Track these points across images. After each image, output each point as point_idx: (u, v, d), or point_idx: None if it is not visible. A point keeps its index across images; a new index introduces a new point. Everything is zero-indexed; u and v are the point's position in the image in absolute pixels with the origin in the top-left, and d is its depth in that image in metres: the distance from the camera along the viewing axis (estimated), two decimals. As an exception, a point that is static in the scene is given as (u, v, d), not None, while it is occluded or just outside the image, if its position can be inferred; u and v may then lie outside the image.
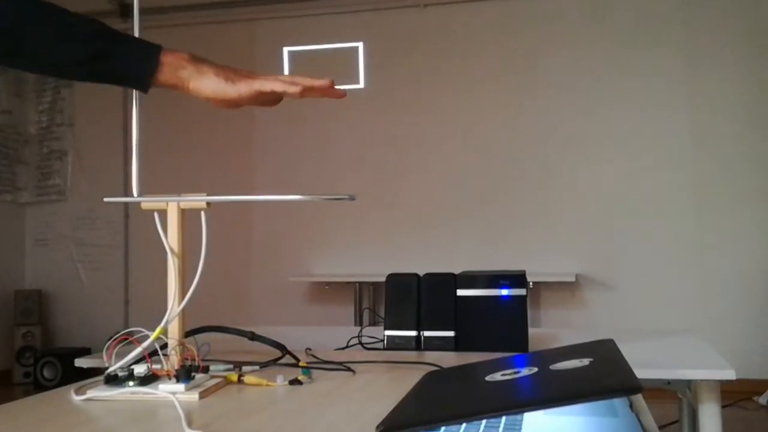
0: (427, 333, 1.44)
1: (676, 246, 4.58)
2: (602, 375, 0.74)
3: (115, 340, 1.01)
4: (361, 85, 5.02)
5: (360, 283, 4.83)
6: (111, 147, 5.41)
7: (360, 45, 5.02)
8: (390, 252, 4.97)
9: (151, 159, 4.91)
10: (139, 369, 0.99)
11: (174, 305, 1.04)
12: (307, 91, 1.04)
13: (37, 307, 5.39)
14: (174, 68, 0.99)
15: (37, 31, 0.94)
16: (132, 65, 0.98)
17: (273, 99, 1.04)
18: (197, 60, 1.01)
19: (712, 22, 4.58)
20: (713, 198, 4.55)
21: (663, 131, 4.63)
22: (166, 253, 1.05)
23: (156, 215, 1.07)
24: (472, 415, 0.71)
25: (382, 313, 1.53)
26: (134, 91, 1.11)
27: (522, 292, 1.41)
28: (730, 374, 1.24)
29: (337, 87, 1.06)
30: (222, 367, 1.08)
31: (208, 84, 1.00)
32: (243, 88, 1.00)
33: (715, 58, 4.57)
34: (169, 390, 0.93)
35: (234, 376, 1.04)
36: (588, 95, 4.73)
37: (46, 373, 5.05)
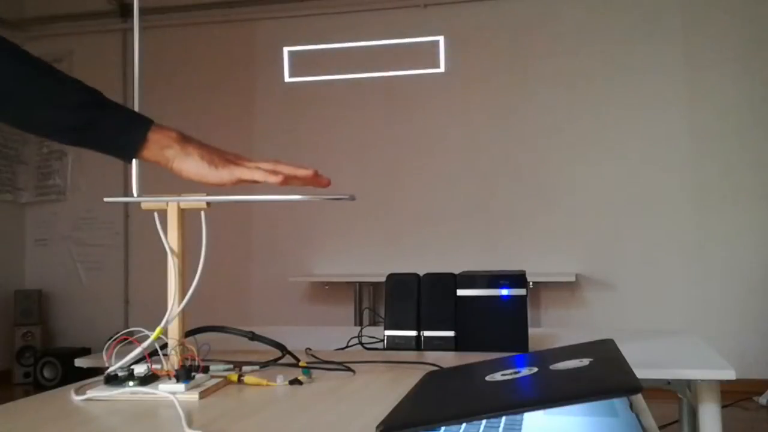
0: (427, 333, 1.44)
1: (676, 246, 4.58)
2: (602, 375, 0.74)
3: (115, 340, 1.01)
4: (362, 74, 5.02)
5: (360, 283, 4.83)
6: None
7: (371, 44, 5.03)
8: (390, 252, 4.97)
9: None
10: (139, 369, 0.99)
11: (174, 305, 1.04)
12: (289, 180, 1.04)
13: (37, 307, 5.39)
14: (160, 146, 1.00)
15: (30, 94, 0.96)
16: (119, 138, 0.99)
17: (256, 183, 1.05)
18: (184, 140, 1.02)
19: (712, 22, 4.58)
20: (713, 198, 4.55)
21: (663, 131, 4.63)
22: (166, 253, 1.05)
23: (156, 215, 1.07)
24: (472, 415, 0.71)
25: (382, 313, 1.53)
26: (134, 90, 1.12)
27: (522, 292, 1.41)
28: (730, 374, 1.24)
29: (321, 177, 1.06)
30: (222, 367, 1.08)
31: (191, 166, 1.00)
32: (225, 174, 1.01)
33: (715, 57, 4.57)
34: (169, 390, 0.93)
35: (234, 376, 1.04)
36: (588, 95, 4.73)
37: (46, 373, 5.05)
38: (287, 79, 5.18)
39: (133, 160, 1.03)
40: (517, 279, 1.42)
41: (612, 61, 4.71)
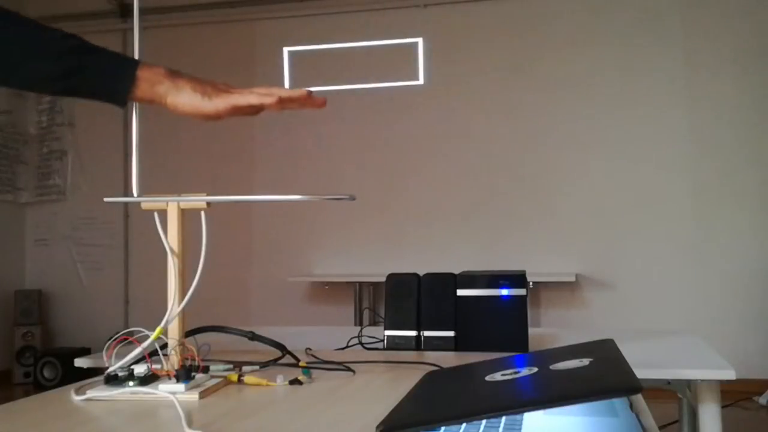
0: (427, 333, 1.44)
1: (676, 246, 4.58)
2: (602, 375, 0.74)
3: (115, 340, 1.01)
4: (365, 84, 5.02)
5: (360, 283, 4.83)
6: (111, 147, 5.41)
7: (371, 44, 5.03)
8: (390, 252, 4.97)
9: (151, 159, 4.92)
10: (139, 369, 0.99)
11: (174, 305, 1.04)
12: (284, 102, 1.03)
13: (37, 307, 5.39)
14: (151, 83, 0.98)
15: (8, 47, 0.94)
16: (107, 80, 0.98)
17: (252, 111, 1.04)
18: (174, 74, 1.00)
19: (712, 22, 4.58)
20: (713, 198, 4.56)
21: (663, 131, 4.63)
22: (166, 253, 1.05)
23: (156, 215, 1.07)
24: (472, 415, 0.71)
25: (382, 313, 1.53)
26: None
27: (522, 292, 1.41)
28: (730, 374, 1.24)
29: (314, 97, 1.05)
30: (222, 367, 1.08)
31: (185, 99, 0.99)
32: (220, 102, 1.00)
33: (715, 57, 4.57)
34: (169, 390, 0.93)
35: (234, 376, 1.04)
36: (588, 95, 4.73)
37: (46, 373, 5.05)
38: (287, 79, 5.18)
39: (134, 143, 1.02)
40: (517, 279, 1.42)
41: (612, 61, 4.71)
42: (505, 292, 1.41)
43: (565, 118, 4.76)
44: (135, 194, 1.08)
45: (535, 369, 0.82)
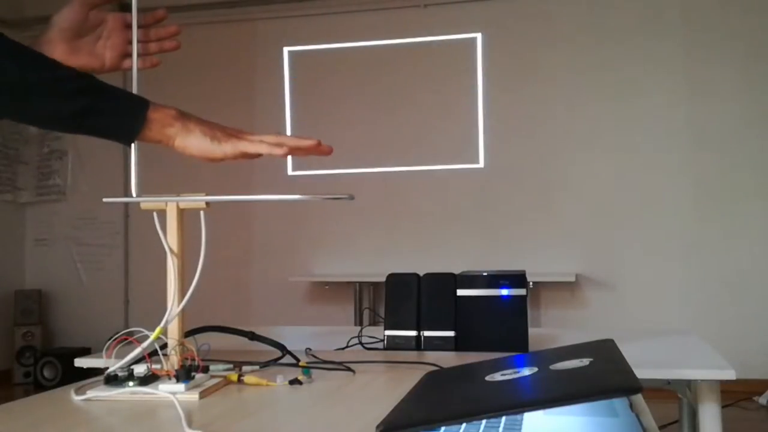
0: (427, 333, 1.44)
1: (676, 246, 4.58)
2: (602, 375, 0.74)
3: (115, 340, 1.01)
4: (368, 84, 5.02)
5: (360, 283, 4.83)
6: (111, 147, 5.37)
7: (371, 44, 5.03)
8: (390, 252, 4.97)
9: (151, 159, 4.91)
10: (139, 369, 0.99)
11: (174, 305, 1.04)
12: (293, 151, 1.04)
13: (37, 307, 5.39)
14: (161, 125, 0.99)
15: (22, 85, 0.94)
16: (119, 121, 0.98)
17: (258, 156, 1.05)
18: (184, 117, 1.01)
19: (713, 20, 4.58)
20: (713, 197, 4.55)
21: (663, 131, 4.63)
22: (165, 253, 1.05)
23: (155, 215, 1.07)
24: (472, 415, 0.71)
25: (382, 313, 1.53)
26: (134, 89, 1.12)
27: (522, 292, 1.41)
28: (730, 374, 1.24)
29: (323, 145, 1.06)
30: (222, 367, 1.08)
31: (193, 143, 1.00)
32: (228, 148, 1.01)
33: (716, 55, 4.57)
34: (169, 390, 0.93)
35: (234, 376, 1.04)
36: (588, 95, 4.73)
37: (46, 373, 5.05)
38: (287, 79, 5.18)
39: (133, 145, 1.02)
40: (517, 279, 1.42)
41: (611, 59, 4.71)
42: (505, 292, 1.41)
43: (565, 118, 4.75)
44: (135, 194, 1.08)
45: (535, 369, 0.82)
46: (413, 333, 1.45)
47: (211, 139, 1.01)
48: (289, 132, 5.17)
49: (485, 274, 1.44)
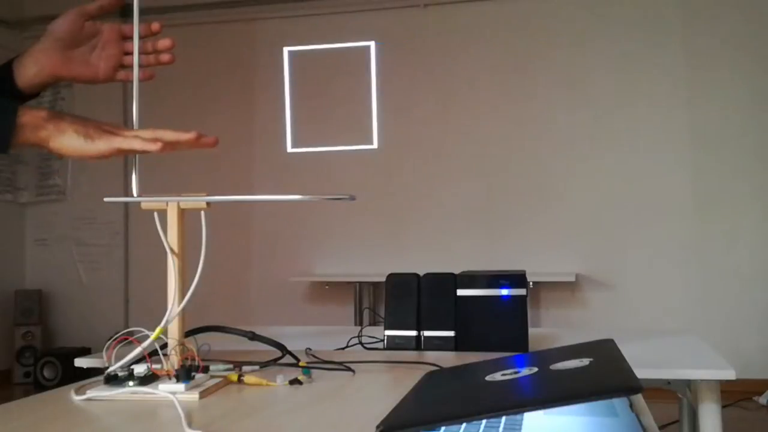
0: (427, 333, 1.44)
1: (676, 246, 4.58)
2: (602, 375, 0.74)
3: (115, 340, 1.01)
4: (373, 84, 5.02)
5: (360, 283, 4.83)
6: (111, 147, 5.40)
7: (371, 44, 5.03)
8: (390, 252, 4.97)
9: (151, 159, 4.90)
10: (139, 369, 0.99)
11: (174, 305, 1.04)
12: (171, 146, 1.02)
13: (37, 307, 5.39)
14: (33, 128, 0.97)
15: None
16: None
17: (140, 152, 1.03)
18: (56, 117, 0.98)
19: (713, 21, 4.58)
20: (713, 197, 4.55)
21: (663, 131, 4.63)
22: (166, 253, 1.05)
23: (156, 215, 1.07)
24: (472, 415, 0.71)
25: (382, 313, 1.53)
26: (133, 90, 1.12)
27: (522, 292, 1.41)
28: (730, 374, 1.24)
29: (204, 138, 1.04)
30: (222, 367, 1.08)
31: (67, 143, 0.98)
32: (102, 146, 0.99)
33: (716, 57, 4.57)
34: (169, 390, 0.93)
35: (234, 376, 1.04)
36: (588, 95, 4.73)
37: (46, 373, 5.05)
38: (287, 79, 5.18)
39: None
40: (517, 279, 1.42)
41: (612, 61, 4.71)
42: (505, 292, 1.41)
43: (565, 118, 4.75)
44: (135, 194, 1.08)
45: (535, 369, 0.82)
46: (413, 333, 1.45)
47: (84, 138, 0.98)
48: (289, 132, 5.17)
49: (485, 274, 1.44)
